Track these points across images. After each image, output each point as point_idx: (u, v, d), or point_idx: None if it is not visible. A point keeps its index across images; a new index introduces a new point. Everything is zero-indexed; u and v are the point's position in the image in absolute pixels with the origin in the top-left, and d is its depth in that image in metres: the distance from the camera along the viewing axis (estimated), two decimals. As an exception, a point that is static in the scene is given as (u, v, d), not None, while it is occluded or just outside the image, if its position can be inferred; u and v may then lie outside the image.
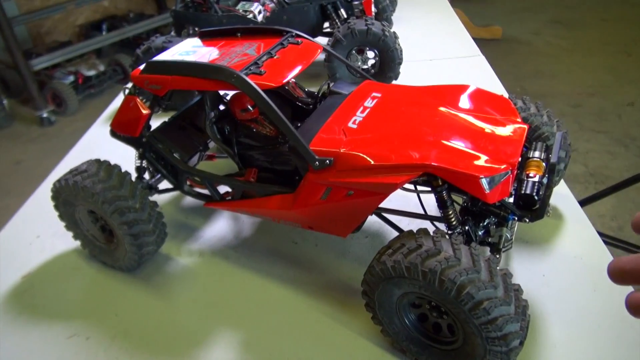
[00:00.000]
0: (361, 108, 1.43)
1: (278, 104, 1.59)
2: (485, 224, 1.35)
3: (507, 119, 1.36)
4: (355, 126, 1.36)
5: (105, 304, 1.57)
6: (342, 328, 1.41)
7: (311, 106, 1.66)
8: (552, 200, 1.73)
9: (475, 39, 6.89)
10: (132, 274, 1.66)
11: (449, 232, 1.30)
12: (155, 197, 1.74)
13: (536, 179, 1.25)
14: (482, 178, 1.16)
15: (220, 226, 1.83)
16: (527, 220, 1.26)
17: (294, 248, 1.70)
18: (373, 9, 2.69)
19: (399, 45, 2.40)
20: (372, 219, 1.63)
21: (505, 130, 1.31)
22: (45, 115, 5.85)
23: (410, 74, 2.60)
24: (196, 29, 2.74)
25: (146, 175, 1.74)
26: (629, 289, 1.41)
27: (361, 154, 1.26)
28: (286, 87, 1.64)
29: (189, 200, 1.97)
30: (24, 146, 5.63)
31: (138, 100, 1.54)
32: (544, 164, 1.30)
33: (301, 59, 1.46)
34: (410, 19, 3.46)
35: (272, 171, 1.54)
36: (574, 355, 1.27)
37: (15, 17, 6.66)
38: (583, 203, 2.79)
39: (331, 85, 1.59)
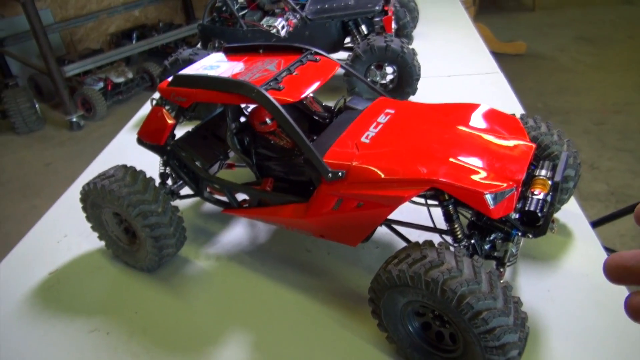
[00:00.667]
0: (374, 124, 1.49)
1: (295, 118, 1.67)
2: (491, 238, 1.39)
3: (515, 137, 1.40)
4: (367, 141, 1.42)
5: (125, 302, 1.66)
6: (349, 334, 1.46)
7: (327, 120, 1.74)
8: (563, 218, 1.77)
9: (498, 54, 6.90)
10: (152, 275, 1.75)
11: (455, 245, 1.35)
12: (177, 203, 1.83)
13: (541, 196, 1.30)
14: (486, 194, 1.21)
15: (237, 232, 1.90)
16: (530, 236, 1.30)
17: (307, 256, 1.77)
18: (394, 25, 2.75)
19: (417, 61, 2.46)
20: (384, 231, 1.69)
21: (513, 149, 1.35)
22: (74, 119, 6.06)
23: (428, 90, 2.66)
24: (222, 42, 2.85)
25: (169, 182, 1.82)
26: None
27: (372, 168, 1.32)
28: (304, 102, 1.71)
29: (208, 206, 2.05)
30: (54, 149, 5.84)
31: (164, 110, 1.64)
32: (549, 182, 1.34)
33: (318, 76, 1.54)
34: (431, 35, 3.51)
35: (287, 181, 1.61)
36: (574, 369, 1.30)
37: (50, 24, 6.95)
38: (596, 224, 2.78)
39: (347, 100, 1.66)
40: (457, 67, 2.97)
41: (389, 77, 2.54)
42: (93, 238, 1.85)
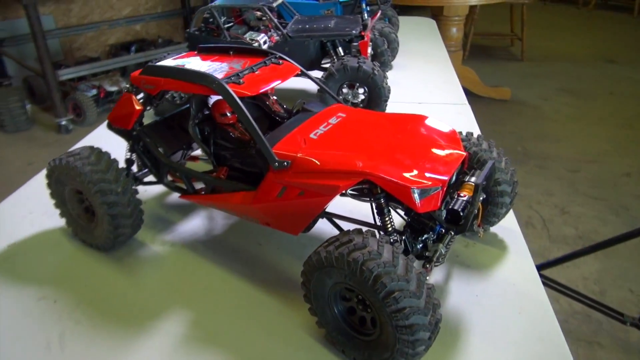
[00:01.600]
0: (325, 124, 1.61)
1: (257, 116, 1.79)
2: (423, 238, 1.49)
3: (450, 146, 1.52)
4: (315, 137, 1.54)
5: (77, 276, 1.72)
6: (284, 320, 1.54)
7: (286, 120, 1.85)
8: (501, 234, 1.88)
9: (483, 98, 7.08)
10: (107, 254, 1.82)
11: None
12: (142, 194, 1.91)
13: (466, 198, 1.41)
14: (413, 189, 1.32)
15: (195, 223, 1.99)
16: (453, 232, 1.40)
17: (258, 249, 1.85)
18: (370, 50, 2.92)
19: (386, 84, 2.60)
20: (331, 231, 1.79)
21: (445, 155, 1.47)
22: (64, 123, 6.15)
23: (397, 113, 2.80)
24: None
25: (134, 168, 1.92)
26: (548, 313, 1.54)
27: (314, 159, 1.43)
28: (267, 103, 1.83)
29: (170, 198, 2.14)
30: (39, 149, 5.91)
31: (134, 97, 1.75)
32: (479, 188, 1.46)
33: (278, 76, 1.67)
34: (409, 66, 3.69)
35: (240, 171, 1.72)
36: (486, 363, 1.39)
37: (51, 30, 7.13)
38: (542, 267, 2.86)
39: (305, 103, 1.78)
40: (428, 96, 3.13)
41: (360, 97, 2.68)
42: (56, 217, 1.92)
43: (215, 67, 1.69)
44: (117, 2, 8.06)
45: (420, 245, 1.49)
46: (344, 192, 1.55)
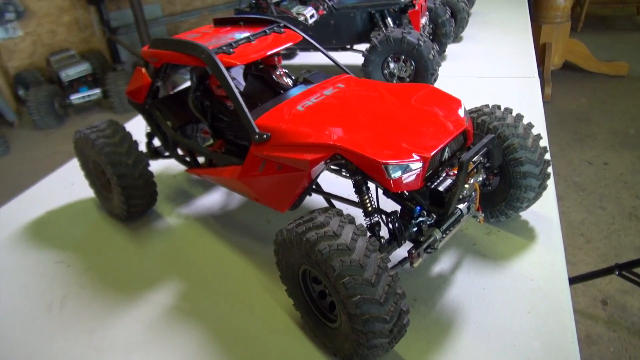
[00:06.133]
0: (317, 95, 1.50)
1: (262, 88, 1.73)
2: (417, 221, 1.33)
3: (448, 119, 1.34)
4: (302, 109, 1.44)
5: (93, 244, 1.81)
6: (269, 299, 1.49)
7: None
8: (533, 221, 1.65)
9: (595, 74, 6.31)
10: (126, 224, 1.89)
11: (365, 218, 1.32)
12: (175, 167, 1.94)
13: (455, 178, 1.23)
14: (384, 165, 1.18)
15: (213, 198, 1.99)
16: (435, 215, 1.24)
17: (266, 226, 1.81)
18: (424, 21, 2.71)
19: (434, 56, 2.39)
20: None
21: (438, 128, 1.30)
22: (161, 102, 6.57)
23: (449, 89, 2.57)
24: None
25: (156, 142, 1.96)
26: (564, 315, 1.31)
27: (290, 132, 1.34)
28: (272, 75, 1.76)
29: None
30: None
31: (143, 70, 1.78)
32: (476, 166, 1.27)
33: (273, 45, 1.58)
34: (481, 38, 3.38)
35: (235, 145, 1.67)
36: (470, 365, 1.22)
37: (158, 18, 7.63)
38: (574, 281, 2.44)
39: (306, 75, 1.68)
40: (493, 70, 2.84)
41: (408, 72, 2.50)
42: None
43: (217, 38, 1.66)
44: (217, -12, 8.41)
45: (415, 228, 1.33)
46: (327, 167, 1.44)
